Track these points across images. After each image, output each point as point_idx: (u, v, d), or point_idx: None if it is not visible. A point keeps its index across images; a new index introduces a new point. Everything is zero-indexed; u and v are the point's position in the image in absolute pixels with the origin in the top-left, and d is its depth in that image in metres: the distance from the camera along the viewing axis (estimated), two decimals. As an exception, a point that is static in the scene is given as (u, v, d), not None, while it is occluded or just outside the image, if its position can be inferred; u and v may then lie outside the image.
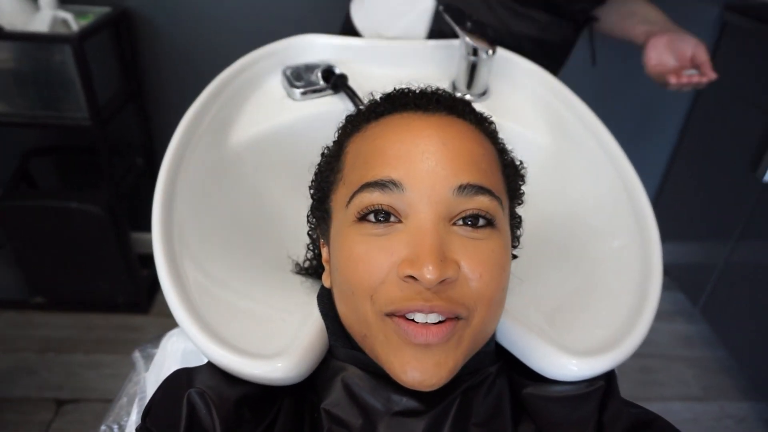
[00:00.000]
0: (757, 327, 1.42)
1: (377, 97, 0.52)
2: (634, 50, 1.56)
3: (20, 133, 1.57)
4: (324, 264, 0.52)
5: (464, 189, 0.42)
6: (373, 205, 0.42)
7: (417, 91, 0.50)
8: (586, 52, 1.55)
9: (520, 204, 0.54)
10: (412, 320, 0.41)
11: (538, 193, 0.68)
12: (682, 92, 1.64)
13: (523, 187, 0.53)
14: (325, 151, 0.53)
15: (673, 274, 1.80)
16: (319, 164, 0.53)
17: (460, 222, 0.43)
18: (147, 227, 0.53)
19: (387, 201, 0.42)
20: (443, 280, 0.39)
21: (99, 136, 1.33)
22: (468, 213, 0.42)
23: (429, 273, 0.38)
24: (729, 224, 1.51)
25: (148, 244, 0.52)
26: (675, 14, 1.51)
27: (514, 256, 0.55)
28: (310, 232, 0.57)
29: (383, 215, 0.43)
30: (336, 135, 0.53)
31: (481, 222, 0.43)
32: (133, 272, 1.56)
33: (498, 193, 0.44)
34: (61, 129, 1.35)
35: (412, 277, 0.39)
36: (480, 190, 0.43)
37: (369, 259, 0.42)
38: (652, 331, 0.51)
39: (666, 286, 1.91)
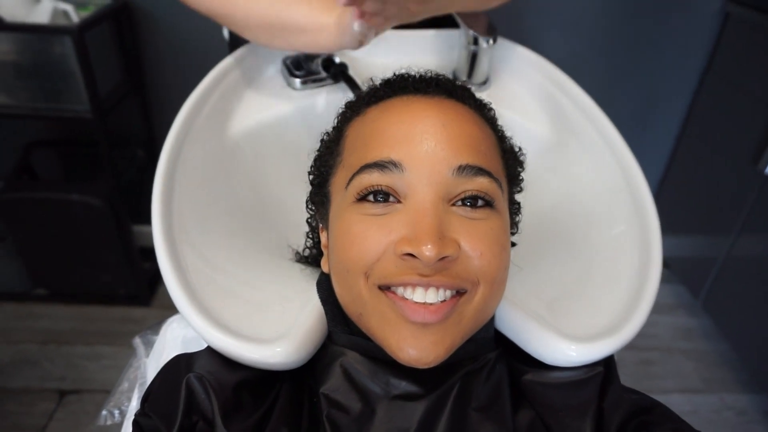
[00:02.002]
0: (759, 320, 1.41)
1: (377, 82, 0.52)
2: (637, 41, 1.56)
3: (22, 125, 1.57)
4: (323, 249, 0.52)
5: (464, 170, 0.42)
6: (372, 185, 0.42)
7: (416, 76, 0.50)
8: (588, 43, 1.55)
9: (519, 191, 0.53)
10: (409, 299, 0.41)
11: (538, 182, 0.68)
12: (684, 83, 1.64)
13: (522, 174, 0.53)
14: (325, 137, 0.53)
15: (674, 266, 1.80)
16: (318, 149, 0.53)
17: (459, 203, 0.43)
18: (148, 220, 0.53)
19: (386, 182, 0.42)
20: (443, 258, 0.39)
21: (100, 129, 1.33)
22: (467, 194, 0.42)
23: (428, 251, 0.38)
24: (731, 217, 1.50)
25: (150, 237, 0.52)
26: (677, 5, 1.51)
27: (513, 244, 0.55)
28: (309, 220, 0.57)
29: (382, 196, 0.43)
30: (336, 120, 0.53)
31: (480, 203, 0.43)
32: (134, 265, 1.56)
33: (497, 176, 0.44)
34: (63, 121, 1.35)
35: (410, 255, 0.39)
36: (479, 171, 0.42)
37: (366, 237, 0.42)
38: (654, 323, 0.51)
39: (668, 279, 1.91)
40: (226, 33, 0.99)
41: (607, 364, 0.48)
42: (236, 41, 0.82)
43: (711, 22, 1.53)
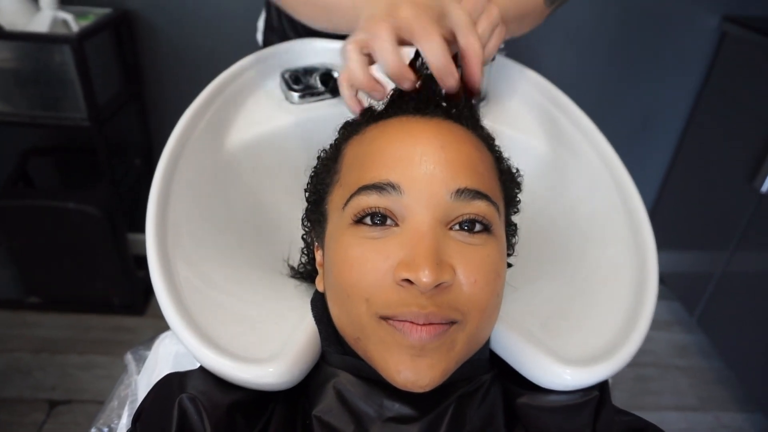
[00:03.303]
0: (754, 337, 1.41)
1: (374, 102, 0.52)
2: (634, 59, 1.57)
3: (19, 132, 1.57)
4: (318, 268, 0.52)
5: (462, 193, 0.42)
6: (370, 207, 0.42)
7: (415, 95, 0.50)
8: (586, 60, 1.56)
9: (516, 212, 0.53)
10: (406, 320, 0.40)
11: (534, 200, 0.67)
12: (681, 100, 1.65)
13: (519, 195, 0.53)
14: (322, 154, 0.53)
15: (670, 283, 1.80)
16: (315, 167, 0.53)
17: (457, 227, 0.42)
18: (144, 228, 0.52)
19: (384, 204, 0.42)
20: (439, 284, 0.39)
21: (97, 137, 1.33)
22: (465, 218, 0.42)
23: (425, 277, 0.38)
24: (726, 234, 1.51)
25: (145, 246, 0.51)
26: (674, 24, 1.53)
27: (509, 265, 0.55)
28: (304, 236, 0.57)
29: (380, 218, 0.42)
30: (334, 138, 0.53)
31: (478, 227, 0.43)
32: (129, 273, 1.55)
33: (495, 199, 0.44)
34: (60, 129, 1.35)
35: (408, 280, 0.39)
36: (477, 195, 0.42)
37: (364, 262, 0.41)
38: (649, 340, 0.51)
39: (663, 296, 1.91)
40: (259, 37, 1.03)
41: (601, 386, 0.48)
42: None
43: (708, 41, 1.54)
